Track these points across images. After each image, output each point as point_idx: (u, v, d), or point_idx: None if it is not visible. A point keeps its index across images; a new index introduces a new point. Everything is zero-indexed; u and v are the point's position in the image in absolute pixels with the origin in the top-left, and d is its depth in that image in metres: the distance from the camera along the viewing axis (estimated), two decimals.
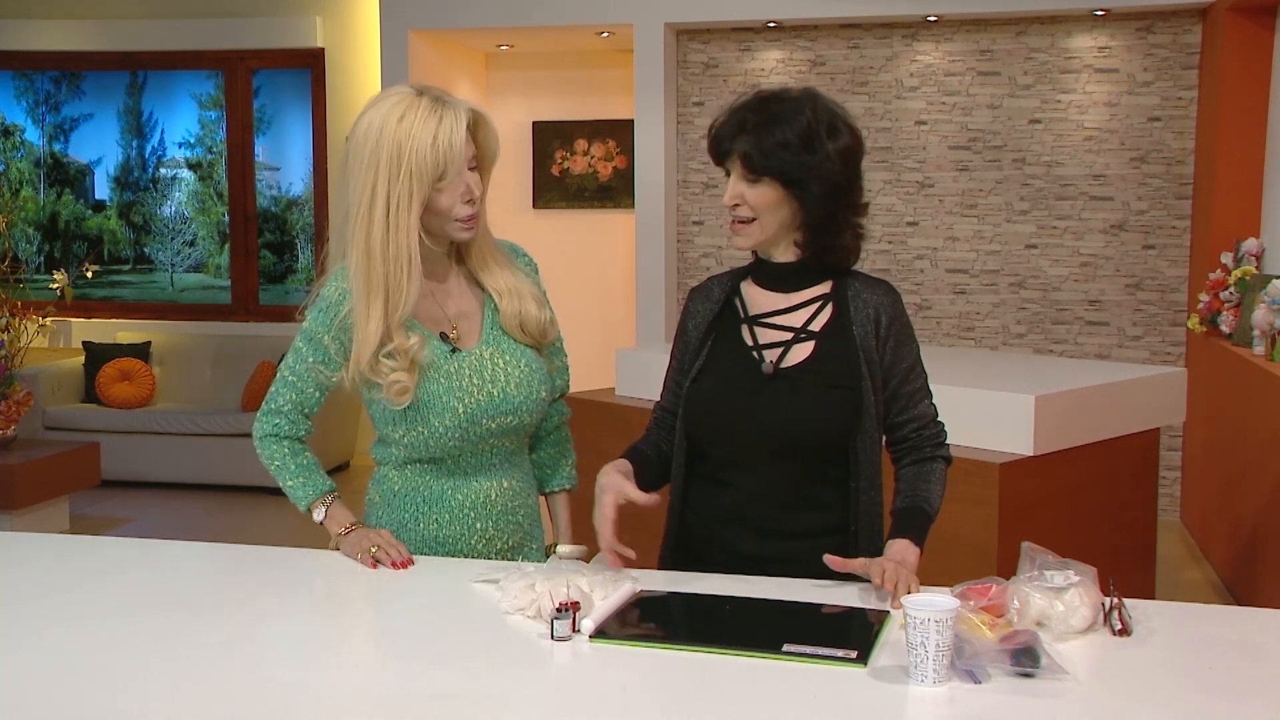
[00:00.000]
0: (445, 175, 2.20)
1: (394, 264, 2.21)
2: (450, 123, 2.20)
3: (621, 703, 1.67)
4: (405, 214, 2.20)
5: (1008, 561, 2.36)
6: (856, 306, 2.23)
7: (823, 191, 2.16)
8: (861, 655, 1.77)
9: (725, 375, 2.26)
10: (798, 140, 2.14)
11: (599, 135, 8.01)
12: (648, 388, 4.76)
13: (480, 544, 2.36)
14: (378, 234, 2.20)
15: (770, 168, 2.15)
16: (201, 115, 8.35)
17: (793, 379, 2.21)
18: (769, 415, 2.19)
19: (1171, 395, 4.44)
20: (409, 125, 2.18)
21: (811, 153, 2.14)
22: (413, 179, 2.19)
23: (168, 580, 2.24)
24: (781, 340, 2.24)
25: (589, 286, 7.97)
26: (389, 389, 2.24)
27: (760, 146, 2.15)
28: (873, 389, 2.21)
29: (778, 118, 2.16)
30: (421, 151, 2.18)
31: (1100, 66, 6.62)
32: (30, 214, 8.57)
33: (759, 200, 2.18)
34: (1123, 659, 1.80)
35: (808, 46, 6.98)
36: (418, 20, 7.21)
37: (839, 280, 2.27)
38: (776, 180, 2.16)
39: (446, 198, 2.23)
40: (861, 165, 2.24)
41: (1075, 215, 6.70)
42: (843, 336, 2.22)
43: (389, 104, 2.22)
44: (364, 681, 1.78)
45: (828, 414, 2.19)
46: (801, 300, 2.26)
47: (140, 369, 7.83)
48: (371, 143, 2.20)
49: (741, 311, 2.29)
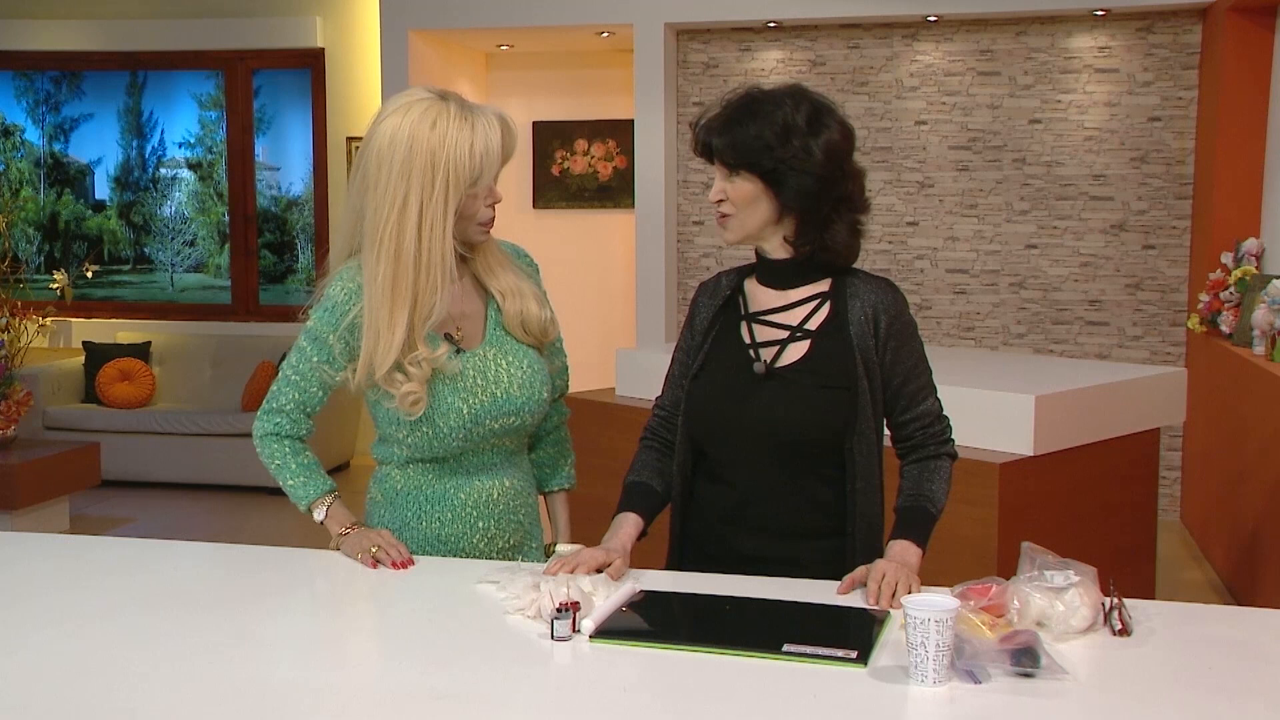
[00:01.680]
0: (480, 181, 2.21)
1: (426, 272, 2.20)
2: (485, 129, 2.20)
3: (622, 703, 1.67)
4: (440, 221, 2.19)
5: (1008, 561, 2.37)
6: (854, 305, 2.22)
7: (801, 186, 2.15)
8: (862, 655, 1.77)
9: (722, 373, 2.26)
10: (772, 134, 2.14)
11: (599, 135, 8.01)
12: (648, 388, 4.75)
13: (482, 543, 2.36)
14: (409, 242, 2.19)
15: (744, 162, 2.16)
16: (201, 115, 8.35)
17: (786, 379, 2.21)
18: (762, 415, 2.19)
19: (1171, 395, 4.44)
20: (443, 132, 2.17)
21: (786, 147, 2.14)
22: (449, 186, 2.18)
23: (168, 580, 2.24)
24: (778, 339, 2.24)
25: (589, 286, 7.97)
26: (403, 400, 2.23)
27: (734, 141, 2.16)
28: (870, 389, 2.20)
29: (754, 113, 2.17)
30: (460, 159, 2.18)
31: (1100, 66, 6.62)
32: (30, 214, 8.57)
33: (737, 194, 2.19)
34: (1123, 659, 1.80)
35: (808, 46, 6.98)
36: (418, 20, 7.21)
37: (838, 278, 2.26)
38: (754, 174, 2.17)
39: (475, 203, 2.24)
40: (853, 161, 2.23)
41: (1075, 215, 6.70)
42: (839, 336, 2.21)
43: (416, 111, 2.20)
44: (364, 681, 1.79)
45: (822, 414, 2.18)
46: (799, 298, 2.25)
47: (140, 369, 7.83)
48: (402, 150, 2.18)
49: (742, 308, 2.29)
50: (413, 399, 2.23)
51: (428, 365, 2.23)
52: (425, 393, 2.24)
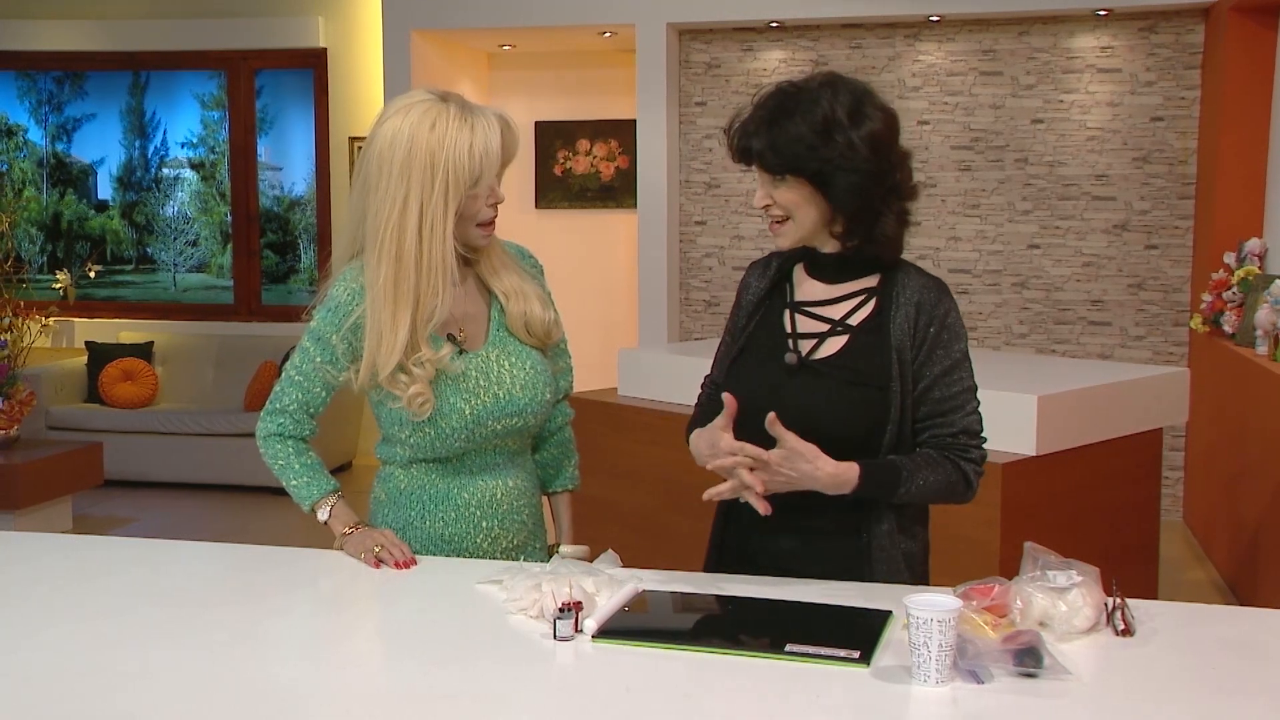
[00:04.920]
0: (480, 182, 2.21)
1: (428, 273, 2.20)
2: (484, 129, 2.20)
3: (624, 703, 1.67)
4: (441, 223, 2.20)
5: (1010, 561, 2.36)
6: (900, 304, 2.14)
7: (849, 184, 2.07)
8: (864, 655, 1.77)
9: (758, 361, 2.20)
10: (813, 133, 2.05)
11: (601, 135, 8.01)
12: (650, 388, 4.76)
13: (486, 543, 2.36)
14: (410, 243, 2.19)
15: (788, 165, 2.07)
16: (204, 115, 8.36)
17: (820, 372, 2.14)
18: (790, 406, 2.10)
19: (1174, 395, 4.44)
20: (441, 133, 2.18)
21: (831, 144, 2.05)
22: (449, 187, 2.18)
23: (170, 580, 2.24)
24: (818, 332, 2.18)
25: (591, 287, 7.97)
26: (410, 402, 2.23)
27: (774, 144, 2.07)
28: (902, 391, 2.12)
29: (791, 111, 2.07)
30: (459, 160, 2.18)
31: (1103, 66, 6.61)
32: (33, 214, 8.58)
33: (787, 199, 2.11)
34: (1125, 659, 1.80)
35: (810, 46, 6.98)
36: (420, 20, 7.21)
37: (887, 275, 2.18)
38: (800, 177, 2.08)
39: (476, 203, 2.24)
40: (899, 147, 2.14)
41: (1078, 215, 6.70)
42: (879, 334, 2.14)
43: (416, 112, 2.20)
44: (367, 681, 1.79)
45: (850, 411, 2.11)
46: (846, 293, 2.18)
47: (143, 369, 7.84)
48: (402, 152, 2.18)
49: (788, 295, 2.24)
50: (421, 400, 2.24)
51: (431, 366, 2.24)
52: (431, 394, 2.25)
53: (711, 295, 7.22)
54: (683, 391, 3.13)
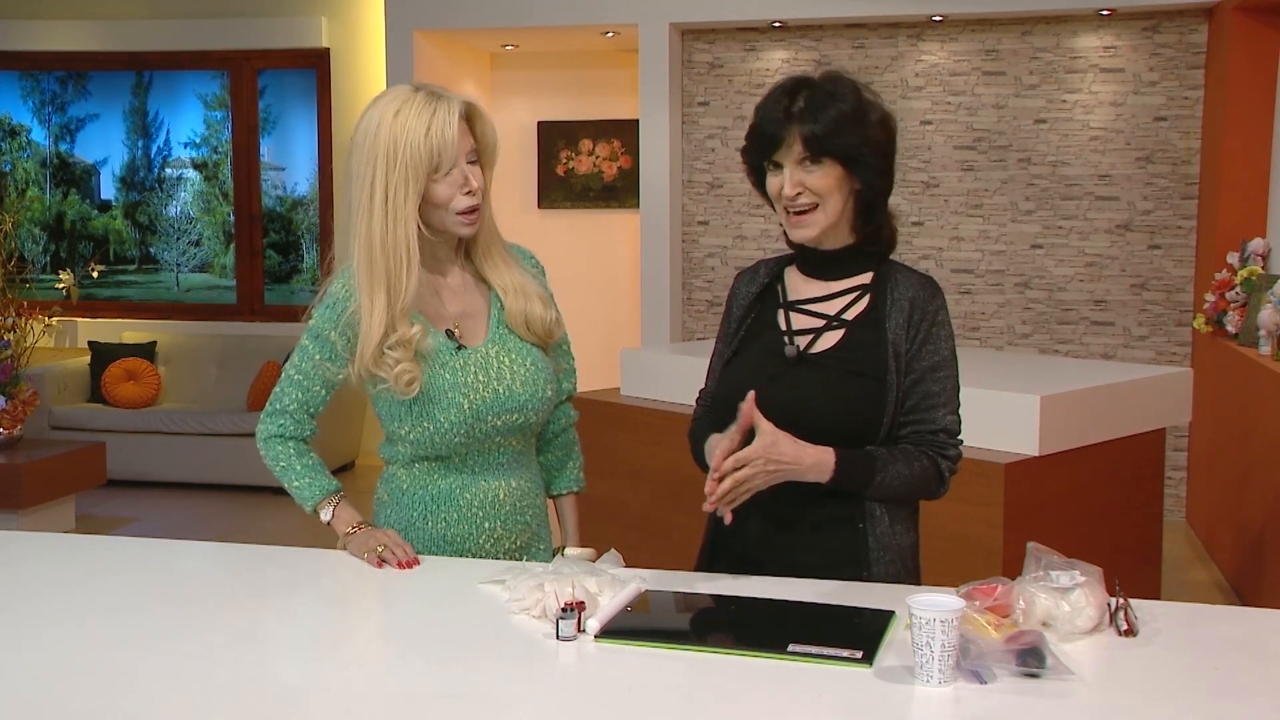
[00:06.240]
0: (440, 166, 2.24)
1: (394, 256, 2.24)
2: (443, 114, 2.24)
3: (627, 703, 1.67)
4: (402, 206, 2.23)
5: (1013, 561, 2.36)
6: (894, 299, 2.19)
7: (877, 165, 2.14)
8: (867, 655, 1.77)
9: (754, 358, 2.24)
10: (852, 114, 2.12)
11: (604, 135, 8.01)
12: (653, 388, 4.76)
13: (489, 543, 2.36)
14: (378, 227, 2.24)
15: (833, 145, 2.11)
16: (207, 115, 8.36)
17: (817, 364, 2.18)
18: (789, 398, 2.14)
19: (1177, 395, 4.44)
20: (404, 120, 2.23)
21: (864, 126, 2.13)
22: (408, 171, 2.22)
23: (173, 580, 2.24)
24: (813, 327, 2.21)
25: (594, 286, 7.97)
26: (396, 380, 2.25)
27: (822, 125, 2.11)
28: (898, 383, 2.16)
29: (830, 94, 2.13)
30: (415, 144, 2.22)
31: (1106, 66, 6.61)
32: (36, 214, 8.59)
33: (821, 184, 2.14)
34: (1129, 659, 1.80)
35: (812, 46, 6.98)
36: (423, 20, 7.22)
37: (880, 271, 2.23)
38: (836, 160, 2.13)
39: (445, 189, 2.26)
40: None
41: (1081, 215, 6.69)
42: (875, 327, 2.18)
43: (385, 101, 2.28)
44: (370, 681, 1.79)
45: (849, 402, 2.14)
46: (840, 289, 2.23)
47: (146, 369, 7.84)
48: (370, 139, 2.25)
49: (781, 296, 2.27)
50: (407, 378, 2.25)
51: (408, 345, 2.25)
52: (418, 373, 2.26)
53: (714, 295, 7.22)
54: (685, 391, 3.13)
